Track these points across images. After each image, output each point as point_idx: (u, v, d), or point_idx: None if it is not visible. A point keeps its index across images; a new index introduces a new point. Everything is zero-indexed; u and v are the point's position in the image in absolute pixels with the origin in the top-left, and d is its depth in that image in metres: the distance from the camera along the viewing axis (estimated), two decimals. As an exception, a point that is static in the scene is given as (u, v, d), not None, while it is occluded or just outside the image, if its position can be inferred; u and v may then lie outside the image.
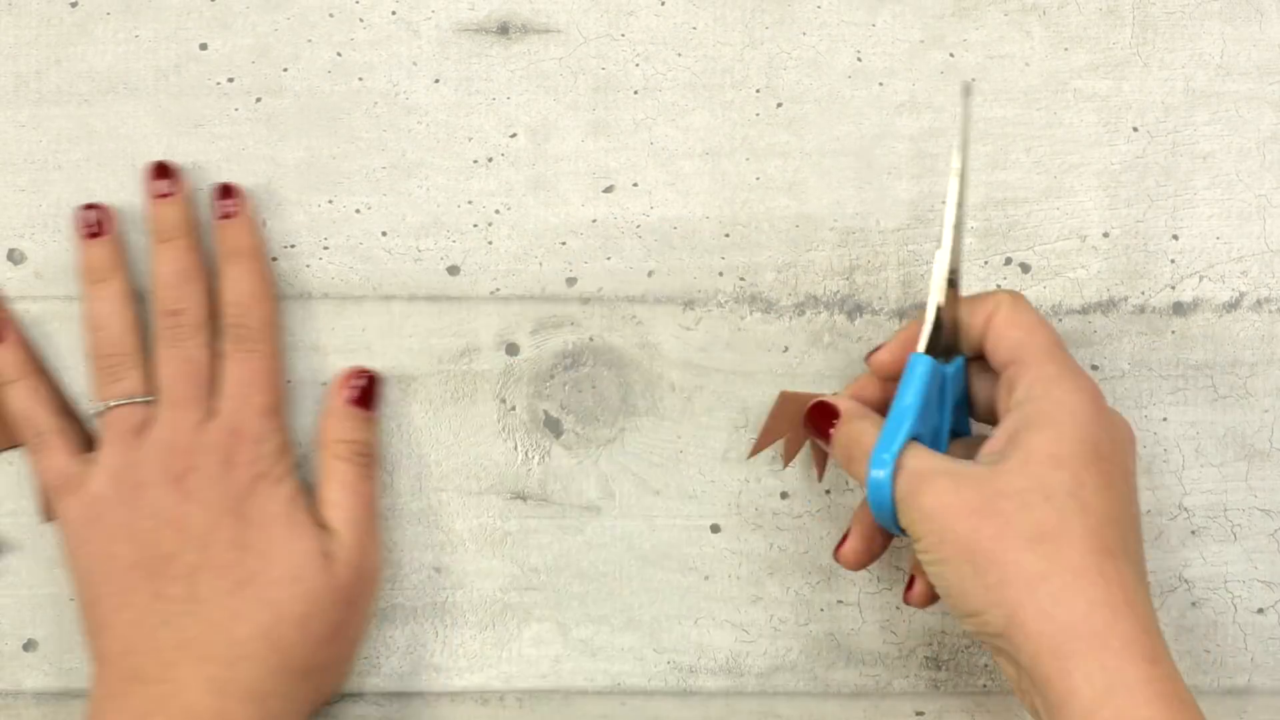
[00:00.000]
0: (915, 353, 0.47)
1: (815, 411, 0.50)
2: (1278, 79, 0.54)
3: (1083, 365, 0.53)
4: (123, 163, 0.53)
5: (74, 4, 0.53)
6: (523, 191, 0.53)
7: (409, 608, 0.53)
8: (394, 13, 0.53)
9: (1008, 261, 0.54)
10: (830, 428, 0.49)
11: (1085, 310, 0.54)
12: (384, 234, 0.53)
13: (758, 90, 0.54)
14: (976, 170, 0.53)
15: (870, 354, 0.50)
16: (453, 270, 0.53)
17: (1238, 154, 0.54)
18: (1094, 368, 0.53)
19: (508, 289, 0.53)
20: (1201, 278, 0.54)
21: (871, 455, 0.46)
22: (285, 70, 0.53)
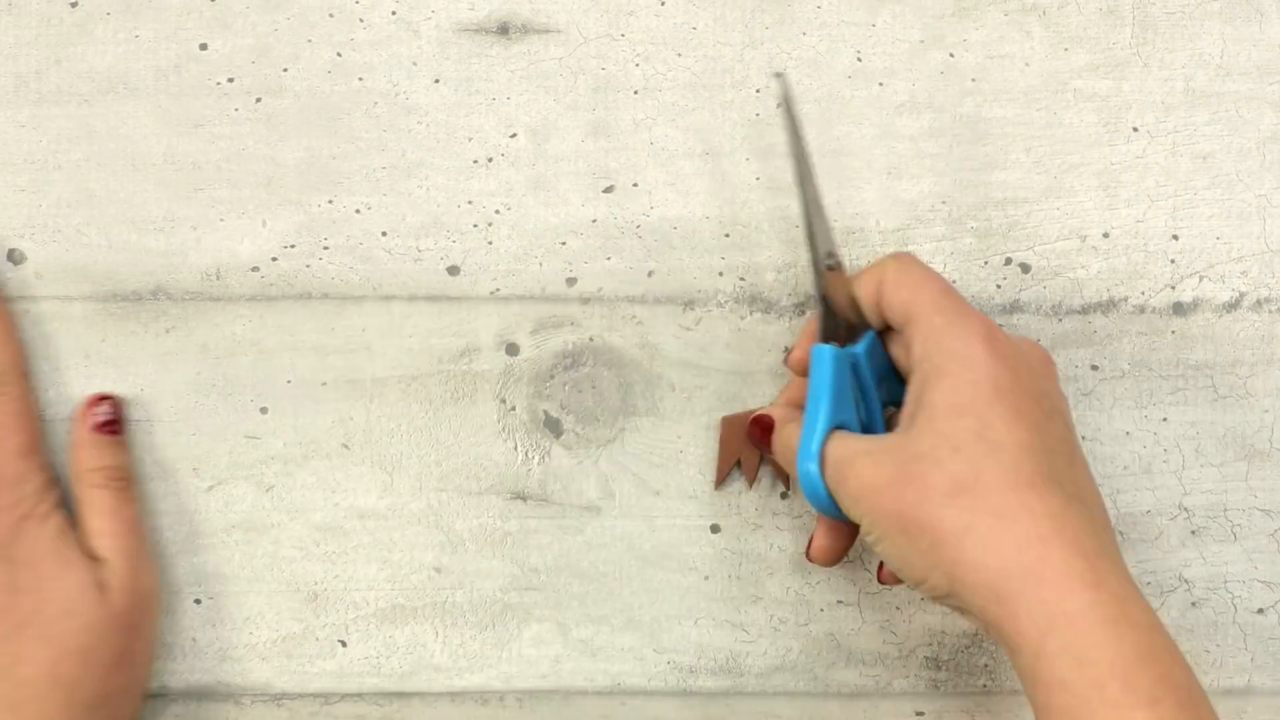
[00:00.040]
0: (815, 345, 0.48)
1: (754, 426, 0.51)
2: (1278, 79, 0.54)
3: (1082, 365, 0.53)
4: (123, 163, 0.53)
5: (74, 4, 0.53)
6: (523, 191, 0.53)
7: (409, 608, 0.53)
8: (394, 13, 0.53)
9: (1008, 261, 0.54)
10: (769, 438, 0.50)
11: (1085, 310, 0.54)
12: (384, 234, 0.53)
13: (758, 90, 0.54)
14: (976, 170, 0.53)
15: (786, 356, 0.51)
16: (453, 270, 0.53)
17: (1238, 154, 0.54)
18: (1094, 368, 0.53)
19: (508, 289, 0.53)
20: (1201, 278, 0.54)
21: (797, 454, 0.47)
22: (285, 70, 0.53)
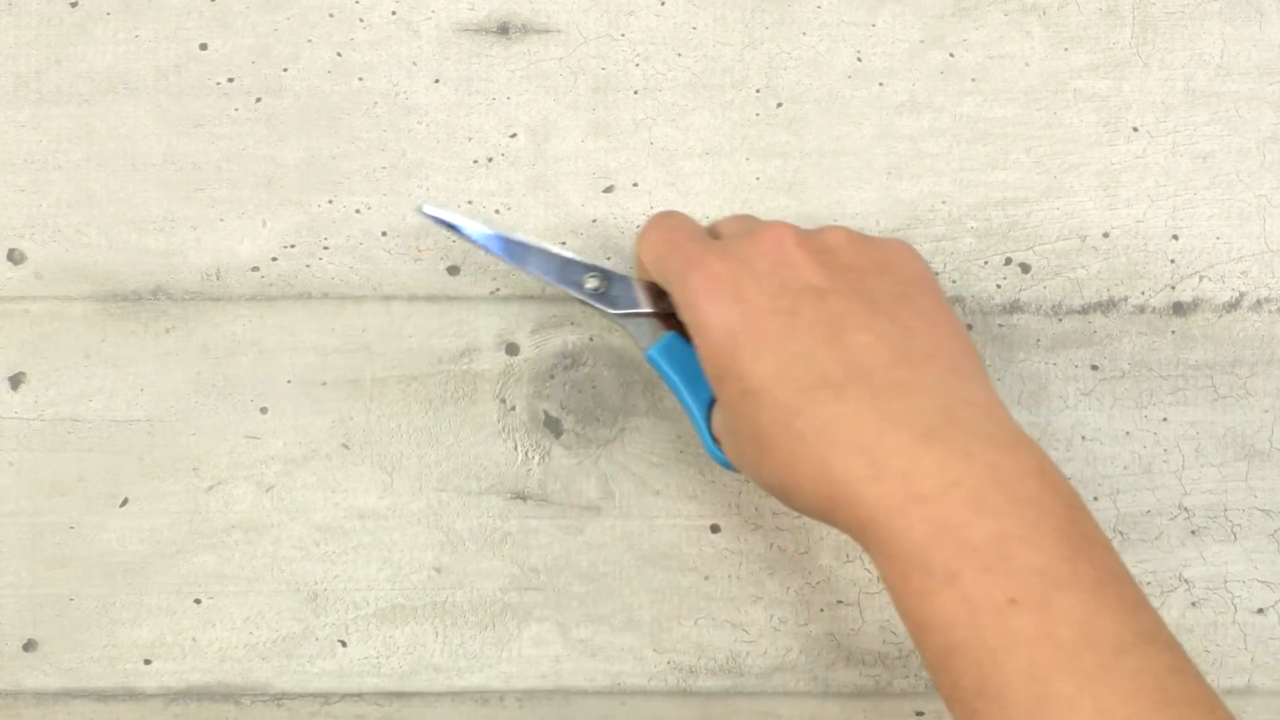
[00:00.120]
0: (645, 353, 0.49)
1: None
2: (1278, 79, 0.54)
3: (1082, 365, 0.53)
4: (123, 163, 0.53)
5: (74, 4, 0.53)
6: (523, 191, 0.53)
7: (409, 608, 0.53)
8: (394, 13, 0.53)
9: (1008, 261, 0.54)
10: None
11: (1085, 310, 0.54)
12: (384, 234, 0.53)
13: (758, 90, 0.54)
14: (976, 170, 0.53)
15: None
16: (453, 270, 0.53)
17: (1238, 154, 0.54)
18: (1094, 368, 0.53)
19: (508, 289, 0.53)
20: (1201, 278, 0.54)
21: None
22: (285, 70, 0.53)
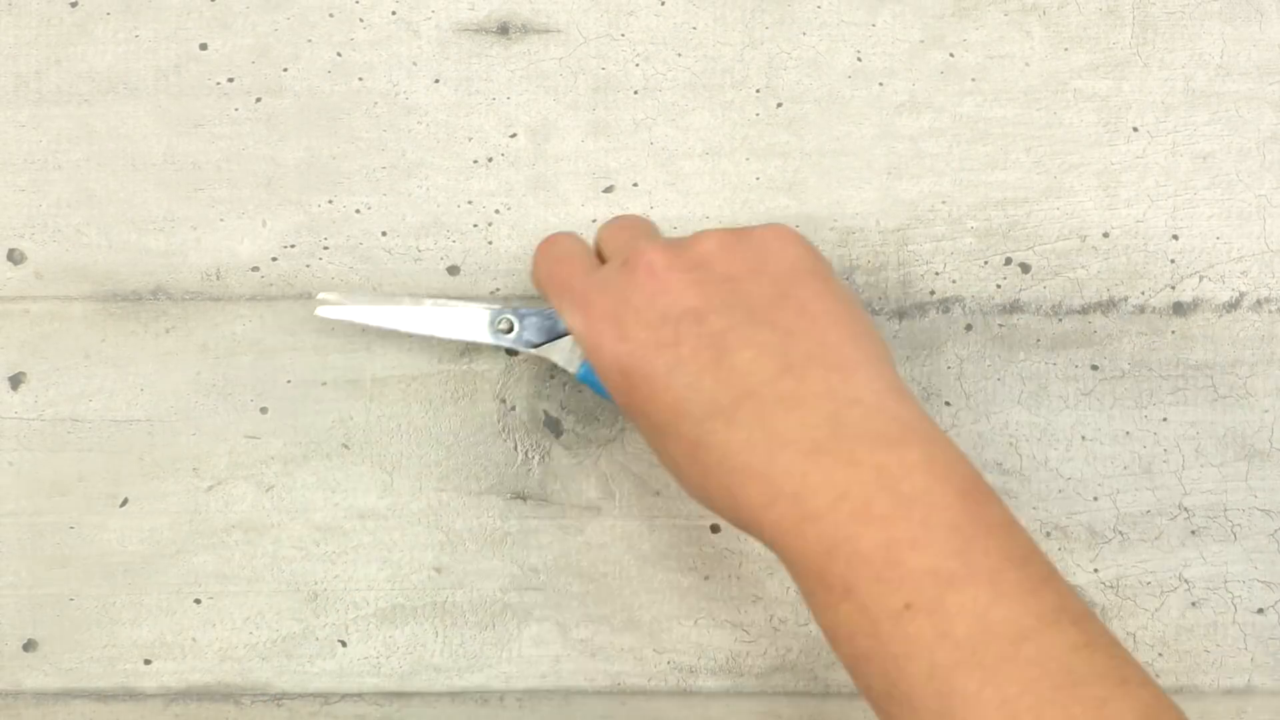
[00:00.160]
0: (574, 375, 0.49)
1: None
2: (1278, 79, 0.54)
3: (1082, 365, 0.53)
4: (123, 163, 0.53)
5: (74, 4, 0.53)
6: (523, 191, 0.53)
7: (409, 608, 0.53)
8: (394, 13, 0.53)
9: (1008, 261, 0.54)
10: None
11: (1085, 310, 0.54)
12: (384, 234, 0.53)
13: (758, 90, 0.54)
14: (976, 170, 0.53)
15: None
16: (453, 270, 0.53)
17: (1238, 154, 0.54)
18: (1094, 368, 0.53)
19: (508, 289, 0.53)
20: (1201, 278, 0.54)
21: None
22: (285, 70, 0.53)
